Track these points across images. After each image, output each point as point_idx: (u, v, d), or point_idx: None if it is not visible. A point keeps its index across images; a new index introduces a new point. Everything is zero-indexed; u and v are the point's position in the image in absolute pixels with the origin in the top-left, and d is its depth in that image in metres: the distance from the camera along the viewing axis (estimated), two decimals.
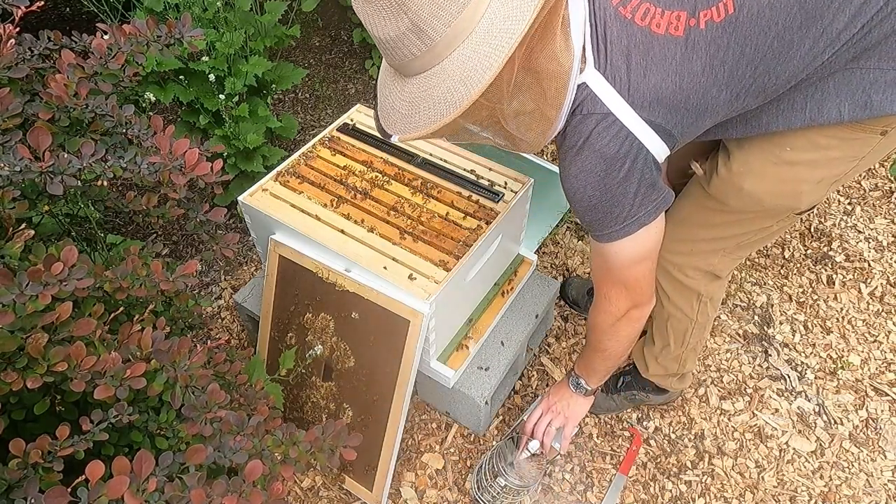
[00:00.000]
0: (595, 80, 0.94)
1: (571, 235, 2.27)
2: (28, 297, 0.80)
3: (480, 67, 0.83)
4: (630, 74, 0.92)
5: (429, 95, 0.88)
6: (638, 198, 1.02)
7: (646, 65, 0.92)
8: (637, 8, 0.91)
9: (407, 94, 0.91)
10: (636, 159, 0.98)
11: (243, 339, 2.00)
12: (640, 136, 0.96)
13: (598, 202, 1.03)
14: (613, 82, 0.93)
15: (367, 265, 1.40)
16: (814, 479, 1.70)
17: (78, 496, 0.76)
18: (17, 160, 0.86)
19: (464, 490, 1.69)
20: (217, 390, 0.95)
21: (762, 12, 0.89)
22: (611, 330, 1.26)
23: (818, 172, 1.12)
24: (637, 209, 1.03)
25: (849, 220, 2.29)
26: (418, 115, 0.89)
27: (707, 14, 0.90)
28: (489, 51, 0.82)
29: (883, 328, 2.00)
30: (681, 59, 0.91)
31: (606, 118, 0.94)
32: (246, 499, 0.85)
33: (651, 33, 0.91)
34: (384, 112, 0.97)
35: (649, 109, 0.94)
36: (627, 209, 1.03)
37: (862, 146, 1.07)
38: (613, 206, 1.03)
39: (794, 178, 1.13)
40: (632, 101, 0.93)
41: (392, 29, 0.83)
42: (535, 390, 1.88)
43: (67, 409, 1.00)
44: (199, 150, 1.01)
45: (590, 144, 0.96)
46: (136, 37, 1.05)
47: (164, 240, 2.27)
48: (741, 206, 1.23)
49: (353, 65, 2.96)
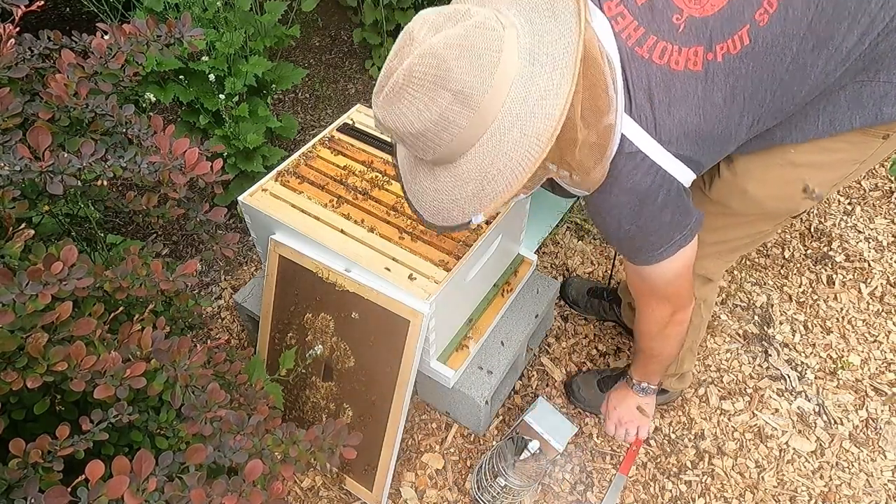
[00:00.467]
0: (624, 121, 0.95)
1: (571, 235, 2.27)
2: (28, 296, 0.80)
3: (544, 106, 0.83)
4: (655, 112, 0.93)
5: (495, 159, 0.88)
6: (673, 224, 1.04)
7: (669, 102, 0.93)
8: (654, 47, 0.92)
9: (466, 175, 0.91)
10: (669, 191, 0.99)
11: (243, 339, 2.00)
12: (669, 169, 0.97)
13: (634, 234, 1.05)
14: (640, 121, 0.94)
15: (368, 265, 1.40)
16: (814, 479, 1.70)
17: (78, 496, 0.76)
18: (17, 160, 0.86)
19: (464, 490, 1.69)
20: (217, 390, 0.95)
21: (776, 40, 0.91)
22: (660, 336, 1.28)
23: (820, 175, 1.13)
24: (673, 235, 1.05)
25: (849, 220, 2.29)
26: (492, 183, 0.89)
27: (723, 47, 0.91)
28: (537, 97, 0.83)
29: (883, 328, 2.00)
30: (702, 94, 0.93)
31: (636, 156, 0.95)
32: (246, 498, 0.85)
33: (671, 71, 0.92)
34: (439, 211, 0.97)
35: (677, 144, 0.95)
36: (663, 236, 1.05)
37: (865, 149, 1.08)
38: (649, 235, 1.05)
39: (797, 180, 1.14)
40: (659, 139, 0.94)
41: (433, 111, 0.83)
42: (534, 390, 1.88)
43: (67, 409, 1.00)
44: (198, 149, 1.01)
45: (620, 182, 0.97)
46: (136, 36, 1.05)
47: (164, 240, 2.27)
48: (743, 209, 1.23)
49: (353, 65, 2.96)
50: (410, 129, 0.86)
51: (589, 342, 1.99)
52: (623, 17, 0.92)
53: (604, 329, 2.02)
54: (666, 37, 0.91)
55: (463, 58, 0.80)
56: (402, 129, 0.87)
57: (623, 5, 0.92)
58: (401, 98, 0.83)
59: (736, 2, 0.90)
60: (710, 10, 0.90)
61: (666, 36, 0.91)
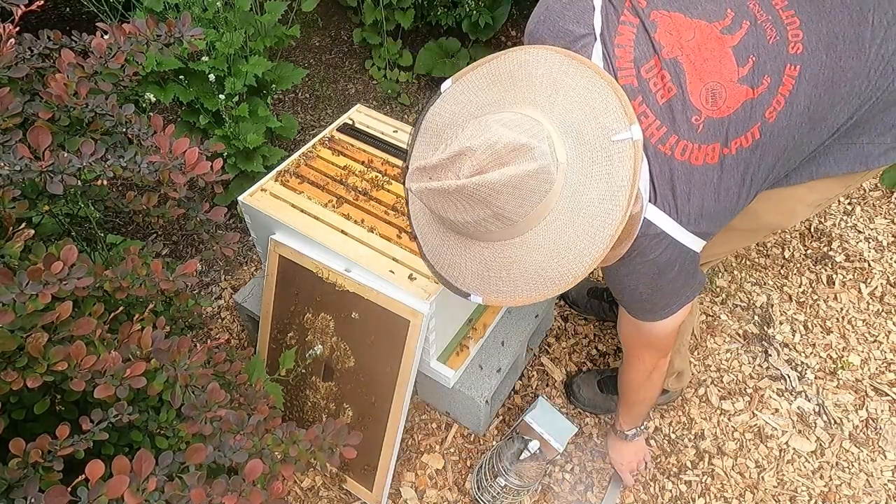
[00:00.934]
0: (649, 210, 1.02)
1: None
2: (28, 296, 0.80)
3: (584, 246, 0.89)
4: (677, 200, 1.01)
5: (515, 265, 0.92)
6: (683, 288, 1.12)
7: (689, 190, 1.00)
8: (675, 145, 0.98)
9: (478, 257, 0.95)
10: (684, 261, 1.07)
11: (243, 339, 2.00)
12: (686, 243, 1.05)
13: (647, 297, 1.13)
14: (664, 209, 1.01)
15: (368, 265, 1.40)
16: (814, 479, 1.70)
17: (78, 495, 0.76)
18: (17, 159, 0.86)
19: (464, 490, 1.69)
20: (217, 389, 0.95)
21: (782, 132, 1.01)
22: (647, 382, 1.36)
23: (815, 196, 1.20)
24: (679, 298, 1.14)
25: (849, 220, 2.29)
26: (503, 281, 0.94)
27: (738, 142, 1.00)
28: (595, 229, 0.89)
29: (883, 328, 2.00)
30: (718, 181, 1.01)
31: (659, 236, 1.02)
32: (246, 498, 0.85)
33: (691, 165, 0.99)
34: (445, 265, 1.01)
35: (695, 224, 1.03)
36: (671, 299, 1.14)
37: (856, 178, 1.17)
38: (660, 298, 1.13)
39: (792, 197, 1.21)
40: (680, 221, 1.02)
41: (469, 216, 0.86)
42: (534, 390, 1.88)
43: (67, 409, 1.00)
44: (198, 149, 1.01)
45: (643, 255, 1.04)
46: (135, 36, 1.05)
47: (164, 239, 2.27)
48: (738, 223, 1.25)
49: (353, 65, 2.96)
50: (443, 214, 0.88)
51: (589, 342, 1.99)
52: (646, 116, 0.98)
53: (604, 329, 2.02)
54: (686, 136, 0.98)
55: (513, 195, 0.84)
56: (440, 212, 0.88)
57: (645, 104, 0.98)
58: (443, 197, 0.85)
59: (749, 103, 0.98)
60: (727, 112, 0.98)
61: (686, 136, 0.98)
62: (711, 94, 0.98)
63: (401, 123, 1.72)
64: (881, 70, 1.01)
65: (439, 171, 0.85)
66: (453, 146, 0.84)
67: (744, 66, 0.98)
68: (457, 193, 0.83)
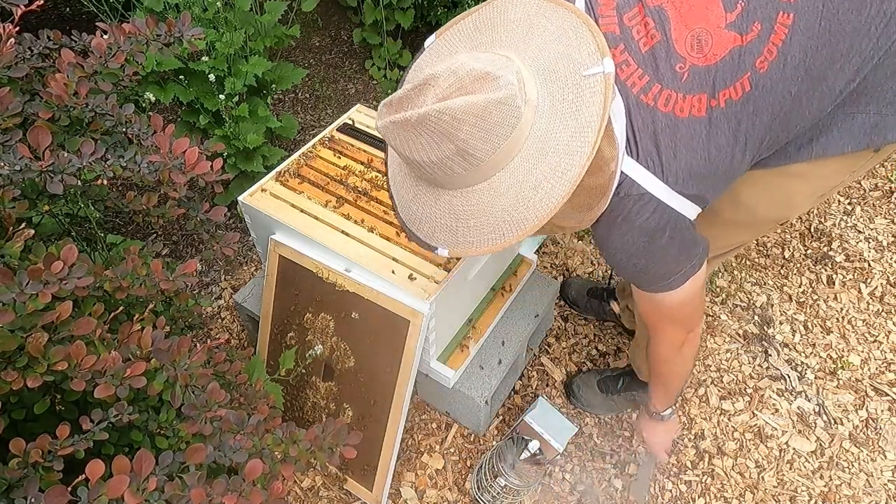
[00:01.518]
0: (630, 166, 0.97)
1: (571, 235, 2.27)
2: (28, 295, 0.80)
3: (552, 185, 0.86)
4: (661, 157, 0.96)
5: (482, 212, 0.90)
6: (681, 256, 1.07)
7: (675, 146, 0.95)
8: (658, 95, 0.94)
9: (447, 206, 0.93)
10: (675, 226, 1.02)
11: (243, 339, 2.00)
12: (676, 207, 1.00)
13: (643, 267, 1.08)
14: (647, 166, 0.97)
15: (368, 265, 1.40)
16: (814, 479, 1.70)
17: (78, 495, 0.76)
18: (17, 159, 0.86)
19: (464, 490, 1.69)
20: (217, 389, 0.95)
21: (776, 85, 0.94)
22: (677, 358, 1.29)
23: (812, 185, 1.16)
24: (681, 265, 1.08)
25: (849, 220, 2.29)
26: (471, 230, 0.92)
27: (726, 94, 0.94)
28: (562, 168, 0.85)
29: (883, 328, 2.00)
30: (706, 137, 0.96)
31: (643, 197, 0.98)
32: (246, 498, 0.85)
33: (675, 117, 0.94)
34: (416, 220, 0.99)
35: (683, 184, 0.98)
36: (672, 267, 1.08)
37: (856, 161, 1.11)
38: (658, 267, 1.08)
39: (789, 189, 1.17)
40: (667, 180, 0.97)
41: (434, 154, 0.84)
42: (534, 390, 1.88)
43: (67, 409, 1.00)
44: (198, 149, 1.01)
45: (629, 221, 1.00)
46: (135, 36, 1.05)
47: (164, 239, 2.27)
48: (734, 218, 1.25)
49: (353, 65, 2.96)
50: (409, 154, 0.87)
51: (589, 342, 1.99)
52: (628, 64, 0.94)
53: (604, 329, 2.02)
54: (670, 85, 0.93)
55: (477, 127, 0.82)
56: (402, 150, 0.87)
57: (628, 53, 0.94)
58: (407, 130, 0.84)
59: (737, 50, 0.92)
60: (713, 60, 0.93)
61: (670, 84, 0.93)
62: (697, 40, 0.93)
63: None
64: (882, 28, 0.93)
65: (404, 102, 0.84)
66: (419, 77, 0.84)
67: (732, 12, 0.92)
68: (420, 125, 0.82)
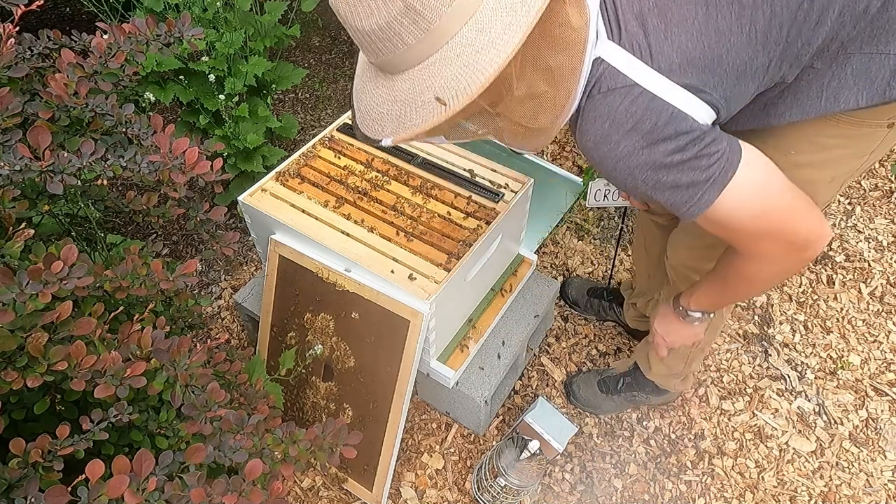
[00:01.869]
0: (611, 51, 0.83)
1: (571, 235, 2.27)
2: (28, 295, 0.80)
3: (492, 49, 0.74)
4: (649, 39, 0.82)
5: (425, 88, 0.79)
6: (700, 161, 0.87)
7: (665, 27, 0.82)
8: None
9: (398, 93, 0.82)
10: (679, 126, 0.85)
11: (243, 339, 2.00)
12: (676, 102, 0.84)
13: (658, 183, 0.89)
14: (633, 50, 0.83)
15: (368, 265, 1.40)
16: (814, 479, 1.70)
17: (78, 495, 0.76)
18: (18, 159, 0.86)
19: (464, 490, 1.69)
20: (217, 389, 0.95)
21: None
22: (773, 274, 1.05)
23: (828, 172, 1.08)
24: (707, 171, 0.87)
25: (849, 220, 2.29)
26: (415, 111, 0.81)
27: None
28: (500, 29, 0.74)
29: (883, 328, 2.00)
30: (703, 19, 0.82)
31: (632, 90, 0.83)
32: (246, 498, 0.85)
33: None
34: (368, 116, 0.87)
35: (680, 72, 0.83)
36: (695, 177, 0.87)
37: (869, 141, 1.03)
38: (678, 180, 0.88)
39: (803, 180, 1.08)
40: (658, 67, 0.82)
41: (382, 15, 0.75)
42: (534, 390, 1.88)
43: (67, 409, 1.00)
44: (198, 148, 1.01)
45: (619, 125, 0.85)
46: (135, 36, 1.05)
47: (164, 239, 2.27)
48: None
49: (353, 65, 2.96)
50: (357, 24, 0.78)
51: (589, 342, 1.99)
52: None
53: (604, 329, 2.02)
54: None
55: None
56: (350, 21, 0.79)
57: None
58: None
59: None
60: None
61: None
62: None
63: None
64: None
65: None
66: None
67: None
68: None
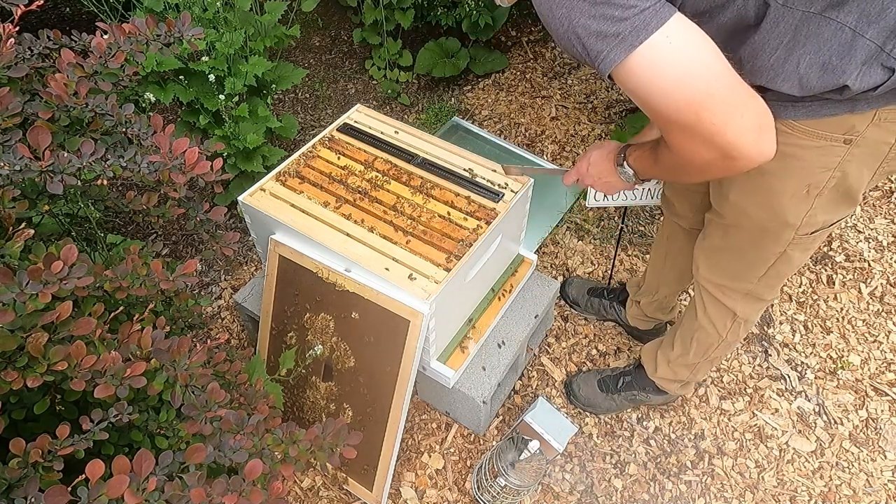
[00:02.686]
0: None
1: (571, 235, 2.27)
2: (28, 295, 0.80)
3: None
4: None
5: None
6: (615, 9, 0.82)
7: None
8: None
9: None
10: None
11: (243, 339, 2.00)
12: None
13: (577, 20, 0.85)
14: None
15: (368, 265, 1.40)
16: (814, 479, 1.70)
17: (78, 495, 0.76)
18: (17, 159, 0.86)
19: (464, 490, 1.69)
20: (217, 389, 0.95)
21: None
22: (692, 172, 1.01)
23: (789, 183, 1.09)
24: (617, 24, 0.83)
25: (849, 220, 2.29)
26: None
27: None
28: None
29: (883, 328, 2.00)
30: None
31: None
32: (246, 498, 0.85)
33: None
34: None
35: None
36: (606, 27, 0.84)
37: (827, 156, 1.03)
38: (598, 27, 0.84)
39: (768, 190, 1.11)
40: None
41: None
42: (534, 390, 1.88)
43: (67, 409, 1.00)
44: (198, 149, 1.01)
45: None
46: (135, 36, 1.05)
47: (164, 239, 2.27)
48: (735, 220, 1.22)
49: (353, 65, 2.96)
50: None
51: (589, 342, 1.99)
52: None
53: (604, 329, 2.02)
54: None
55: None
56: None
57: None
58: None
59: None
60: None
61: None
62: None
63: (401, 124, 1.72)
64: None
65: None
66: None
67: None
68: None
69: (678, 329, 1.60)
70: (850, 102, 0.95)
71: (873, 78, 0.89)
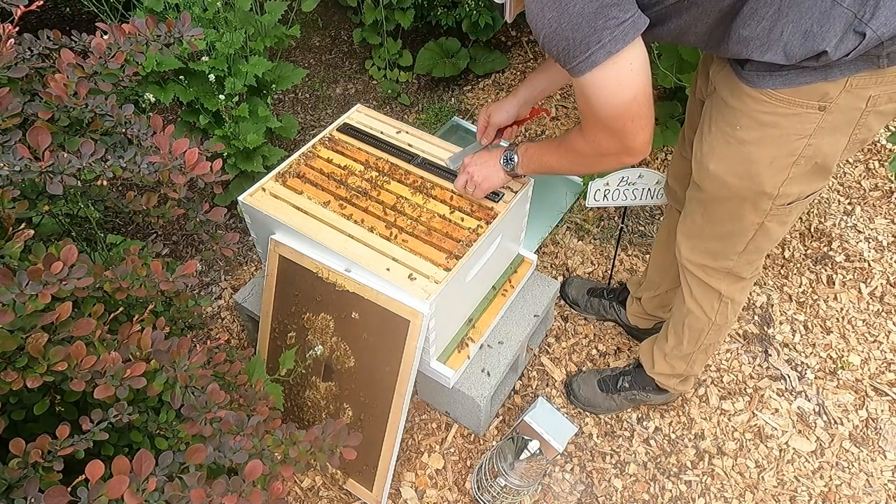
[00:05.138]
0: None
1: (571, 235, 2.27)
2: (28, 296, 0.80)
3: None
4: None
5: None
6: (599, 20, 0.96)
7: None
8: None
9: None
10: None
11: (243, 339, 2.00)
12: None
13: (557, 26, 0.98)
14: None
15: (368, 265, 1.40)
16: (814, 479, 1.70)
17: (78, 496, 0.76)
18: (17, 160, 0.86)
19: (464, 490, 1.69)
20: (217, 390, 0.95)
21: None
22: (588, 162, 1.23)
23: (767, 152, 1.14)
24: (600, 34, 0.96)
25: (849, 220, 2.29)
26: None
27: None
28: None
29: (883, 328, 2.00)
30: None
31: None
32: (246, 498, 0.85)
33: None
34: None
35: None
36: (589, 33, 0.97)
37: (803, 123, 1.08)
38: (575, 30, 0.97)
39: (747, 158, 1.16)
40: None
41: None
42: (534, 390, 1.88)
43: (67, 409, 1.00)
44: (198, 149, 1.01)
45: None
46: (135, 36, 1.05)
47: (164, 240, 2.27)
48: (714, 191, 1.25)
49: (353, 65, 2.96)
50: None
51: (589, 342, 1.99)
52: None
53: (604, 329, 2.02)
54: None
55: None
56: None
57: None
58: None
59: None
60: None
61: None
62: None
63: (402, 124, 1.72)
64: None
65: None
66: None
67: None
68: None
69: (670, 320, 1.61)
70: (824, 70, 1.01)
71: (847, 44, 0.96)
